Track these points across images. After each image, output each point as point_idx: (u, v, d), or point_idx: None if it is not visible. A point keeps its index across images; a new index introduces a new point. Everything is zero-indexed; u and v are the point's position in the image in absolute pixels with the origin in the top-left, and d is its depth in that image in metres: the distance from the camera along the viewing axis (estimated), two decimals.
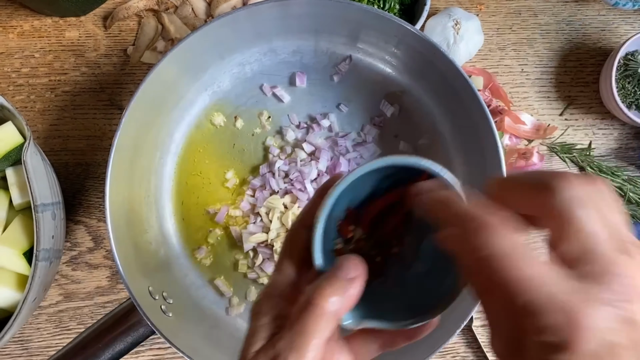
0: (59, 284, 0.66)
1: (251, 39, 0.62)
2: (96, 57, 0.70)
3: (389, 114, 0.64)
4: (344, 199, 0.33)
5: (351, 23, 0.60)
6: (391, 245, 0.36)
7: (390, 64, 0.63)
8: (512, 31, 0.71)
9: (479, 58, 0.70)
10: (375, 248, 0.35)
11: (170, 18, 0.69)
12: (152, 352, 0.65)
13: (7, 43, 0.69)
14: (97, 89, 0.69)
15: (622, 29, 0.71)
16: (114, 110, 0.69)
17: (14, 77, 0.69)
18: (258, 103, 0.65)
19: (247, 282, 0.64)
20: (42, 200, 0.54)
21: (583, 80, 0.70)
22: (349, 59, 0.64)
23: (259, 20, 0.59)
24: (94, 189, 0.68)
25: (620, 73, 0.66)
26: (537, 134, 0.68)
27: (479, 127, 0.57)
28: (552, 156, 0.69)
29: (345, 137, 0.65)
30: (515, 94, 0.70)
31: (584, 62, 0.71)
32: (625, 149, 0.69)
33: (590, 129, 0.70)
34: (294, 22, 0.60)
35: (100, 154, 0.68)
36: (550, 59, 0.71)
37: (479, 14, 0.71)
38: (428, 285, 0.34)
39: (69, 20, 0.70)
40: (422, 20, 0.64)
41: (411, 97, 0.64)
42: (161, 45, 0.70)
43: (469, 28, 0.65)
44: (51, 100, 0.69)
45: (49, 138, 0.68)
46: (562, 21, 0.71)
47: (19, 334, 0.66)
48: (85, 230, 0.67)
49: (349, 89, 0.65)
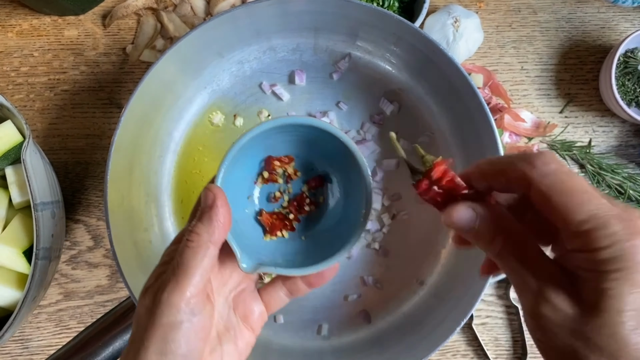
0: (58, 283, 0.66)
1: (250, 37, 0.62)
2: (95, 56, 0.70)
3: (389, 111, 0.64)
4: (253, 160, 0.40)
5: (350, 21, 0.60)
6: (304, 204, 0.42)
7: (389, 61, 0.63)
8: (511, 29, 0.71)
9: (478, 56, 0.70)
10: (292, 207, 0.42)
11: (169, 16, 0.69)
12: None
13: (6, 42, 0.69)
14: (96, 87, 0.69)
15: (622, 26, 0.71)
16: (113, 109, 0.69)
17: (13, 76, 0.69)
18: (257, 101, 0.65)
19: None
20: (42, 199, 0.54)
21: (583, 78, 0.70)
22: (348, 57, 0.64)
23: (258, 18, 0.59)
24: (94, 187, 0.68)
25: (620, 70, 0.66)
26: (537, 132, 0.68)
27: (479, 125, 0.57)
28: None
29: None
30: (515, 91, 0.70)
31: (584, 60, 0.71)
32: (625, 146, 0.69)
33: (590, 127, 0.70)
34: (293, 20, 0.60)
35: (100, 153, 0.68)
36: (550, 57, 0.71)
37: (479, 11, 0.71)
38: (332, 238, 0.39)
39: (68, 19, 0.70)
40: (422, 18, 0.64)
41: (411, 95, 0.64)
42: (160, 43, 0.70)
43: (468, 25, 0.65)
44: (50, 99, 0.69)
45: (48, 137, 0.68)
46: (562, 19, 0.71)
47: (19, 333, 0.66)
48: (84, 229, 0.67)
49: (349, 87, 0.65)
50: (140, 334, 0.32)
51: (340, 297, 0.63)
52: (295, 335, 0.63)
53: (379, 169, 0.65)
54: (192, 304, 0.32)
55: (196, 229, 0.33)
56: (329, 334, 0.63)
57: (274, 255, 0.39)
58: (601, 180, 0.68)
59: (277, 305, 0.40)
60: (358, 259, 0.64)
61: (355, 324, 0.63)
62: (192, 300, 0.32)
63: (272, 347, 0.62)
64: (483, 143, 0.57)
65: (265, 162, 0.41)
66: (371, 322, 0.63)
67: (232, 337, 0.37)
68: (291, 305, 0.64)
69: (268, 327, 0.63)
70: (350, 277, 0.64)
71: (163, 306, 0.31)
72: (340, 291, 0.64)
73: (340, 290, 0.64)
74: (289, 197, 0.42)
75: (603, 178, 0.67)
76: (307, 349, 0.62)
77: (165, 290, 0.32)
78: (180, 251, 0.33)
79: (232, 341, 0.37)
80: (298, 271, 0.37)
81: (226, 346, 0.36)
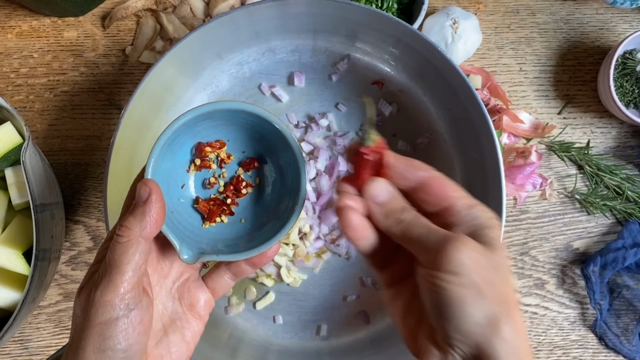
0: (58, 284, 0.66)
1: (249, 39, 0.62)
2: (95, 57, 0.70)
3: (387, 113, 0.65)
4: (183, 148, 0.40)
5: (349, 22, 0.60)
6: (240, 187, 0.42)
7: (388, 63, 0.63)
8: (510, 30, 0.71)
9: (477, 57, 0.70)
10: (228, 191, 0.42)
11: (169, 18, 0.69)
12: None
13: (6, 43, 0.69)
14: (96, 88, 0.69)
15: (620, 28, 0.71)
16: (112, 110, 0.69)
17: (13, 77, 0.69)
18: (256, 103, 0.65)
19: (245, 282, 0.64)
20: (41, 200, 0.55)
21: (581, 79, 0.71)
22: (347, 59, 0.64)
23: (257, 19, 0.59)
24: (93, 188, 0.68)
25: (618, 72, 0.66)
26: (535, 133, 0.69)
27: (477, 126, 0.57)
28: (550, 155, 0.69)
29: (344, 137, 0.65)
30: (514, 92, 0.70)
31: (582, 61, 0.71)
32: (624, 147, 0.69)
33: (589, 128, 0.70)
34: (292, 21, 0.60)
35: (99, 154, 0.68)
36: (548, 58, 0.71)
37: (477, 12, 0.71)
38: (272, 218, 0.40)
39: (67, 20, 0.70)
40: (420, 20, 0.64)
41: (409, 96, 0.64)
42: (159, 45, 0.70)
43: (467, 27, 0.66)
44: (50, 100, 0.69)
45: (48, 138, 0.68)
46: (560, 20, 0.71)
47: (19, 334, 0.66)
48: (84, 230, 0.67)
49: (348, 88, 0.65)
50: (77, 333, 0.32)
51: (339, 298, 0.64)
52: (295, 336, 0.63)
53: None
54: (127, 299, 0.32)
55: (127, 223, 0.33)
56: (327, 335, 0.63)
57: (215, 241, 0.40)
58: (599, 181, 0.68)
59: (223, 290, 0.40)
60: (357, 260, 0.64)
61: (354, 324, 0.63)
62: (127, 296, 0.32)
63: (271, 348, 0.62)
64: (481, 144, 0.58)
65: (196, 149, 0.41)
66: (370, 322, 0.63)
67: (179, 328, 0.38)
68: (290, 306, 0.64)
69: (267, 327, 0.63)
70: (349, 278, 0.64)
71: (97, 305, 0.31)
72: (339, 292, 0.64)
73: (339, 291, 0.64)
74: (225, 181, 0.42)
75: (601, 179, 0.68)
76: (306, 349, 0.63)
77: (98, 288, 0.32)
78: (111, 248, 0.33)
79: (178, 331, 0.37)
80: (240, 256, 0.37)
81: (173, 337, 0.37)
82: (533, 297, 0.67)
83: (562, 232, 0.68)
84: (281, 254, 0.63)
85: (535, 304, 0.67)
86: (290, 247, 0.63)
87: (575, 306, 0.68)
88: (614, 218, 0.68)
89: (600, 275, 0.65)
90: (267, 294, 0.64)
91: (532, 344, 0.67)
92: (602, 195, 0.67)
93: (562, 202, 0.69)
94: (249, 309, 0.64)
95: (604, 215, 0.68)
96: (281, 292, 0.64)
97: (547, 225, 0.68)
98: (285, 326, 0.63)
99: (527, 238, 0.68)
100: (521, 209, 0.68)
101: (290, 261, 0.64)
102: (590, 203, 0.68)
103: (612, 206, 0.67)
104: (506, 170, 0.66)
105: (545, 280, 0.68)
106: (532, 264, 0.68)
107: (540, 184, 0.68)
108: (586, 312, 0.67)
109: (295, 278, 0.64)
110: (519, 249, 0.68)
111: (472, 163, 0.60)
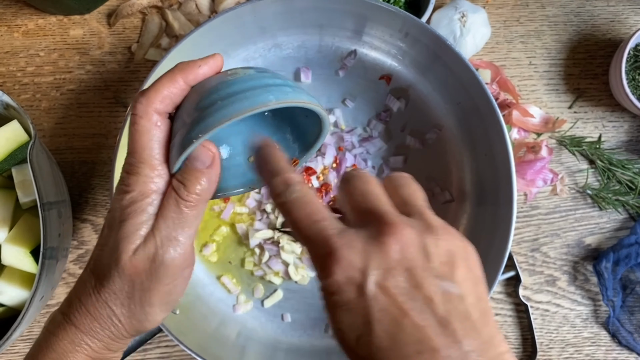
0: (66, 283, 0.66)
1: (255, 35, 0.61)
2: (101, 55, 0.69)
3: (395, 108, 0.64)
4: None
5: (356, 17, 0.59)
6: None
7: (396, 58, 0.63)
8: (519, 23, 0.70)
9: (486, 51, 0.69)
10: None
11: (174, 15, 0.69)
12: (159, 350, 0.65)
13: (12, 42, 0.69)
14: (102, 86, 0.69)
15: (632, 20, 0.70)
16: (119, 107, 0.69)
17: (19, 76, 0.69)
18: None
19: (254, 280, 0.64)
20: (48, 198, 0.54)
21: (592, 72, 0.69)
22: (354, 54, 0.63)
23: (263, 15, 0.58)
24: (100, 187, 0.68)
25: (630, 64, 0.65)
26: (545, 127, 0.68)
27: (487, 121, 0.56)
28: (561, 149, 0.68)
29: (351, 133, 0.64)
30: (524, 86, 0.69)
31: (593, 54, 0.70)
32: (636, 141, 0.68)
33: (600, 122, 0.69)
34: (298, 16, 0.60)
35: (106, 152, 0.68)
36: (558, 51, 0.70)
37: (486, 6, 0.70)
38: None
39: (73, 18, 0.70)
40: (428, 13, 0.63)
41: (417, 91, 0.63)
42: (165, 42, 0.69)
43: (475, 21, 0.65)
44: (56, 98, 0.69)
45: (55, 136, 0.68)
46: (571, 12, 0.70)
47: (27, 332, 0.66)
48: (91, 229, 0.67)
49: (355, 83, 0.64)
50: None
51: None
52: (303, 334, 0.63)
53: (385, 167, 0.64)
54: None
55: (198, 191, 0.32)
56: None
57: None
58: (611, 176, 0.67)
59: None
60: None
61: None
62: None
63: (279, 346, 0.62)
64: (491, 139, 0.57)
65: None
66: None
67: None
68: (298, 304, 0.64)
69: (275, 325, 0.63)
70: None
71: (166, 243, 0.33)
72: None
73: None
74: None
75: (613, 174, 0.67)
76: (314, 347, 0.62)
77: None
78: (182, 216, 0.32)
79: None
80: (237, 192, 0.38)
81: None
82: (544, 294, 0.66)
83: (574, 228, 0.67)
84: (289, 252, 0.63)
85: (547, 301, 0.66)
86: (298, 245, 0.63)
87: (588, 303, 0.67)
88: (626, 213, 0.67)
89: (613, 271, 0.64)
90: (275, 291, 0.64)
91: (544, 341, 0.66)
92: (614, 190, 0.66)
93: (574, 197, 0.68)
94: (257, 307, 0.63)
95: (616, 210, 0.67)
96: (289, 290, 0.64)
97: (559, 221, 0.67)
98: (294, 324, 0.63)
99: (538, 234, 0.67)
100: (532, 204, 0.67)
101: (298, 258, 0.64)
102: (602, 198, 0.67)
103: (625, 201, 0.66)
104: (516, 166, 0.65)
105: (556, 277, 0.67)
106: (543, 261, 0.67)
107: (551, 180, 0.67)
108: (598, 309, 0.66)
109: (303, 276, 0.63)
110: (530, 246, 0.67)
111: (482, 158, 0.59)
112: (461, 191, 0.62)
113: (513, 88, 0.67)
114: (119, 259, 0.32)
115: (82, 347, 0.33)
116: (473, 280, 0.28)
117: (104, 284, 0.32)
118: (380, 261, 0.26)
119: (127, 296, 0.33)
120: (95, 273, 0.33)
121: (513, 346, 0.66)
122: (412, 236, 0.27)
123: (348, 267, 0.26)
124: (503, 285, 0.67)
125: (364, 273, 0.26)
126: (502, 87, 0.67)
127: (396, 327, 0.26)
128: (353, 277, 0.26)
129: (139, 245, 0.32)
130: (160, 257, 0.32)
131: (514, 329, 0.66)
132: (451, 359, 0.25)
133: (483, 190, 0.60)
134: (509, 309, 0.66)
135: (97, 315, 0.33)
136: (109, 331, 0.33)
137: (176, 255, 0.32)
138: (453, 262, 0.27)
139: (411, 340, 0.25)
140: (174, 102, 0.33)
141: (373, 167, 0.65)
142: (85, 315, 0.33)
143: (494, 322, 0.28)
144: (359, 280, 0.26)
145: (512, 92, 0.67)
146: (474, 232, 0.60)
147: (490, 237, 0.57)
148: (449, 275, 0.27)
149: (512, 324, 0.66)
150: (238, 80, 0.33)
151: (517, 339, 0.66)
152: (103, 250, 0.33)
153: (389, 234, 0.27)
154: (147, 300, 0.33)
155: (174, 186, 0.32)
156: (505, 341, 0.28)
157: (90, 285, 0.33)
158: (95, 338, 0.33)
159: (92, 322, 0.33)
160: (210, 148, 0.33)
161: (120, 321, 0.33)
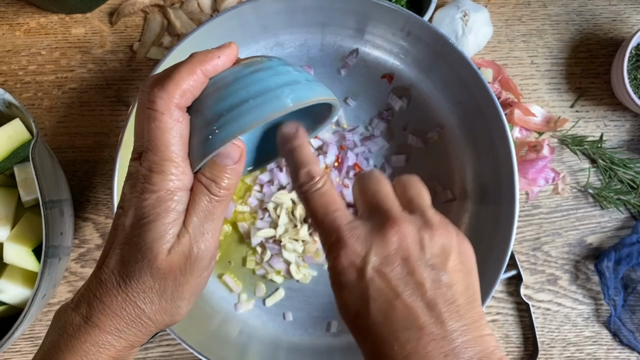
0: (68, 281, 0.66)
1: (257, 33, 0.61)
2: (102, 54, 0.69)
3: (397, 107, 0.64)
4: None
5: (358, 15, 0.59)
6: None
7: (398, 56, 0.63)
8: (521, 22, 0.70)
9: (488, 50, 0.69)
10: None
11: (176, 13, 0.69)
12: (161, 349, 0.66)
13: (14, 40, 0.69)
14: (104, 85, 0.69)
15: (634, 19, 0.70)
16: (120, 106, 0.69)
17: (21, 75, 0.69)
18: None
19: (255, 279, 0.64)
20: (50, 197, 0.54)
21: (594, 72, 0.69)
22: (356, 52, 0.63)
23: (264, 13, 0.58)
24: (102, 185, 0.68)
25: (632, 64, 0.65)
26: (547, 127, 0.68)
27: (489, 120, 0.56)
28: (563, 149, 0.68)
29: (353, 131, 0.64)
30: (525, 86, 0.69)
31: (595, 53, 0.70)
32: (638, 140, 0.68)
33: (602, 121, 0.69)
34: (300, 15, 0.60)
35: (108, 151, 0.68)
36: (560, 50, 0.70)
37: (488, 5, 0.70)
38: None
39: (75, 17, 0.70)
40: (430, 12, 0.63)
41: (419, 90, 0.63)
42: (167, 40, 0.69)
43: (477, 19, 0.65)
44: (58, 97, 0.69)
45: (57, 135, 0.68)
46: (573, 11, 0.70)
47: (29, 331, 0.66)
48: (93, 227, 0.67)
49: (357, 82, 0.64)
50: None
51: None
52: (305, 333, 0.63)
53: (387, 165, 0.64)
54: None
55: (226, 185, 0.33)
56: (338, 331, 0.62)
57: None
58: (613, 175, 0.67)
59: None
60: None
61: None
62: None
63: (281, 345, 0.62)
64: (494, 138, 0.57)
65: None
66: None
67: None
68: (300, 303, 0.64)
69: (277, 324, 0.63)
70: None
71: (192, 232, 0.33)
72: None
73: None
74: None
75: (615, 173, 0.67)
76: (316, 346, 0.62)
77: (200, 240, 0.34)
78: (212, 207, 0.33)
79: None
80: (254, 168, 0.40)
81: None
82: (546, 293, 0.66)
83: (575, 227, 0.67)
84: (291, 250, 0.63)
85: (548, 300, 0.66)
86: (299, 244, 0.63)
87: (589, 302, 0.67)
88: (628, 212, 0.67)
89: (615, 270, 0.64)
90: (276, 290, 0.64)
91: (545, 340, 0.66)
92: (615, 190, 0.66)
93: (575, 196, 0.68)
94: (258, 305, 0.64)
95: (618, 209, 0.67)
96: (291, 289, 0.64)
97: (560, 220, 0.67)
98: (295, 323, 0.63)
99: (539, 233, 0.67)
100: (533, 203, 0.67)
101: (299, 257, 0.64)
102: (604, 197, 0.67)
103: (626, 200, 0.66)
104: (518, 165, 0.65)
105: (558, 276, 0.67)
106: (544, 260, 0.67)
107: (552, 179, 0.67)
108: (600, 308, 0.67)
109: (305, 274, 0.63)
110: (531, 245, 0.67)
111: (484, 157, 0.59)
112: (463, 190, 0.62)
113: (515, 87, 0.67)
114: (153, 260, 0.31)
115: (106, 347, 0.32)
116: (464, 272, 0.32)
117: (132, 285, 0.32)
118: (379, 250, 0.31)
119: (158, 294, 0.32)
120: (120, 274, 0.32)
121: (514, 345, 0.66)
122: (411, 230, 0.31)
123: (352, 253, 0.31)
124: (504, 284, 0.67)
125: (364, 259, 0.31)
126: (504, 86, 0.67)
127: (389, 306, 0.30)
128: (355, 262, 0.31)
129: (173, 245, 0.32)
130: (195, 252, 0.32)
131: (516, 328, 0.66)
132: (435, 335, 0.29)
133: (485, 189, 0.60)
134: (511, 308, 0.66)
135: (123, 315, 0.32)
136: (136, 329, 0.33)
137: (208, 248, 0.33)
138: (446, 254, 0.32)
139: (401, 317, 0.30)
140: (194, 95, 0.32)
141: (375, 166, 0.65)
142: (110, 317, 0.32)
143: (479, 309, 0.32)
144: (360, 264, 0.31)
145: (513, 91, 0.67)
146: (476, 230, 0.60)
147: (492, 236, 0.57)
148: (440, 266, 0.31)
149: (513, 323, 0.66)
150: (261, 76, 0.32)
151: (519, 337, 0.66)
152: (125, 250, 0.32)
153: (390, 227, 0.31)
154: (180, 295, 0.33)
155: (204, 184, 0.33)
156: (490, 326, 0.31)
157: (113, 286, 0.32)
158: (121, 338, 0.32)
159: (119, 323, 0.32)
160: (238, 144, 0.33)
161: (150, 318, 0.33)
